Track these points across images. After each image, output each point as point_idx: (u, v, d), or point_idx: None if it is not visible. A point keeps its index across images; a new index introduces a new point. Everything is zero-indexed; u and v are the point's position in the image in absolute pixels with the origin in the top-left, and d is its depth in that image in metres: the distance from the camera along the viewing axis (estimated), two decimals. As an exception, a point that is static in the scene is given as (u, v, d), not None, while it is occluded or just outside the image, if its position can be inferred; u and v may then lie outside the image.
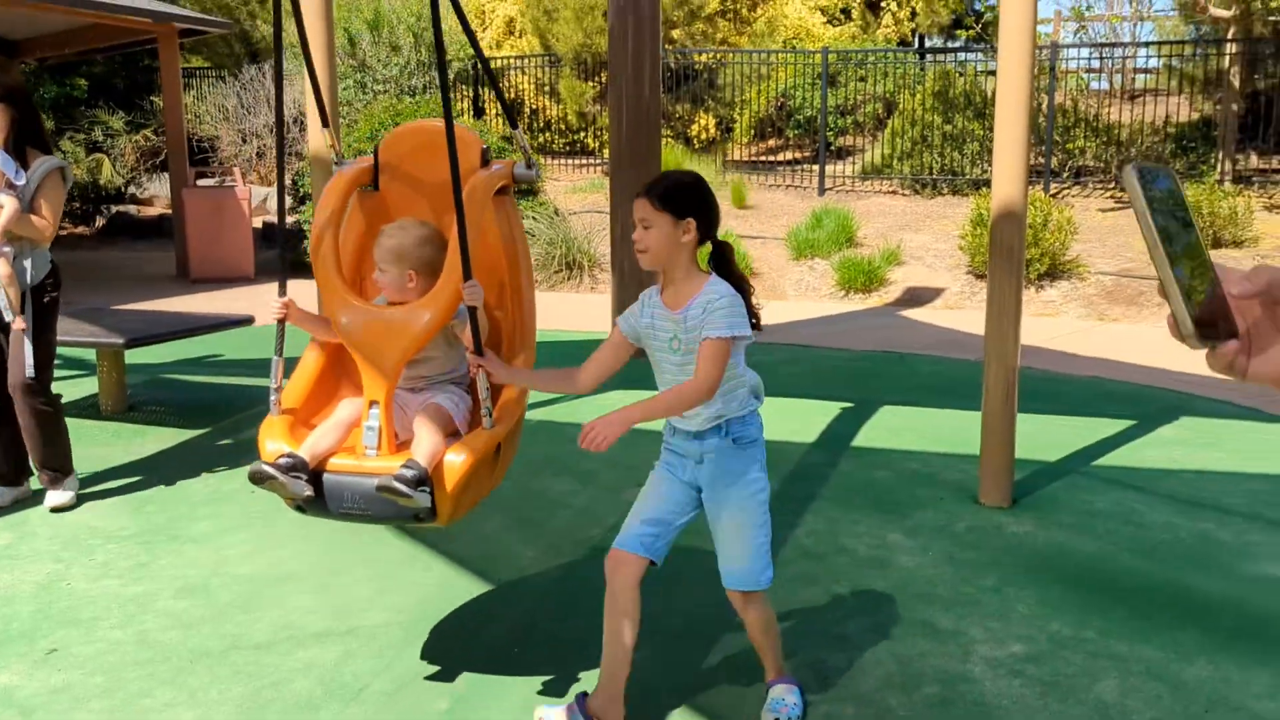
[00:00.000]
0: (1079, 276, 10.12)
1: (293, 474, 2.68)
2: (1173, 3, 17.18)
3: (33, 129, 4.46)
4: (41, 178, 4.40)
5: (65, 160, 4.55)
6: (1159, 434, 5.66)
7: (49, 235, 4.44)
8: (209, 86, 17.15)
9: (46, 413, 4.49)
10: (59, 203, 4.48)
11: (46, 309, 4.49)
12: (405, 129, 3.29)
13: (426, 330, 2.79)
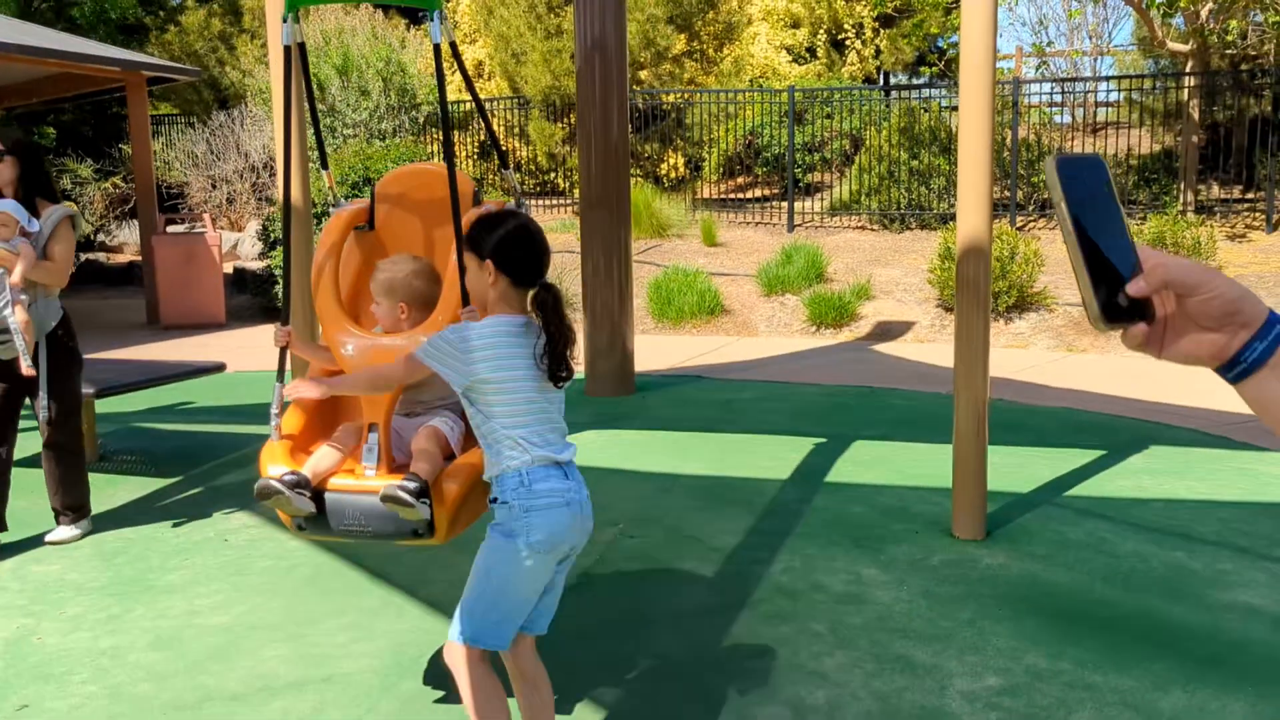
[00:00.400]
0: (1047, 308, 10.24)
1: (297, 490, 2.75)
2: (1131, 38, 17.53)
3: (41, 180, 4.66)
4: (54, 225, 4.58)
5: (74, 209, 4.72)
6: (1129, 463, 5.72)
7: (62, 281, 4.61)
8: (178, 133, 17.14)
9: (69, 459, 4.69)
10: (70, 250, 4.65)
11: (66, 357, 4.63)
12: (399, 172, 3.47)
13: None
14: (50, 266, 4.53)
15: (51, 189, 4.73)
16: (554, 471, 2.46)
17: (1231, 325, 0.94)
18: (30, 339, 4.46)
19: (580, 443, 6.31)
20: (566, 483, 2.47)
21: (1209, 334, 0.95)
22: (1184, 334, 0.96)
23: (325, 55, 15.01)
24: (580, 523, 2.50)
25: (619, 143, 7.89)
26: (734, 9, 18.30)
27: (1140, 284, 0.93)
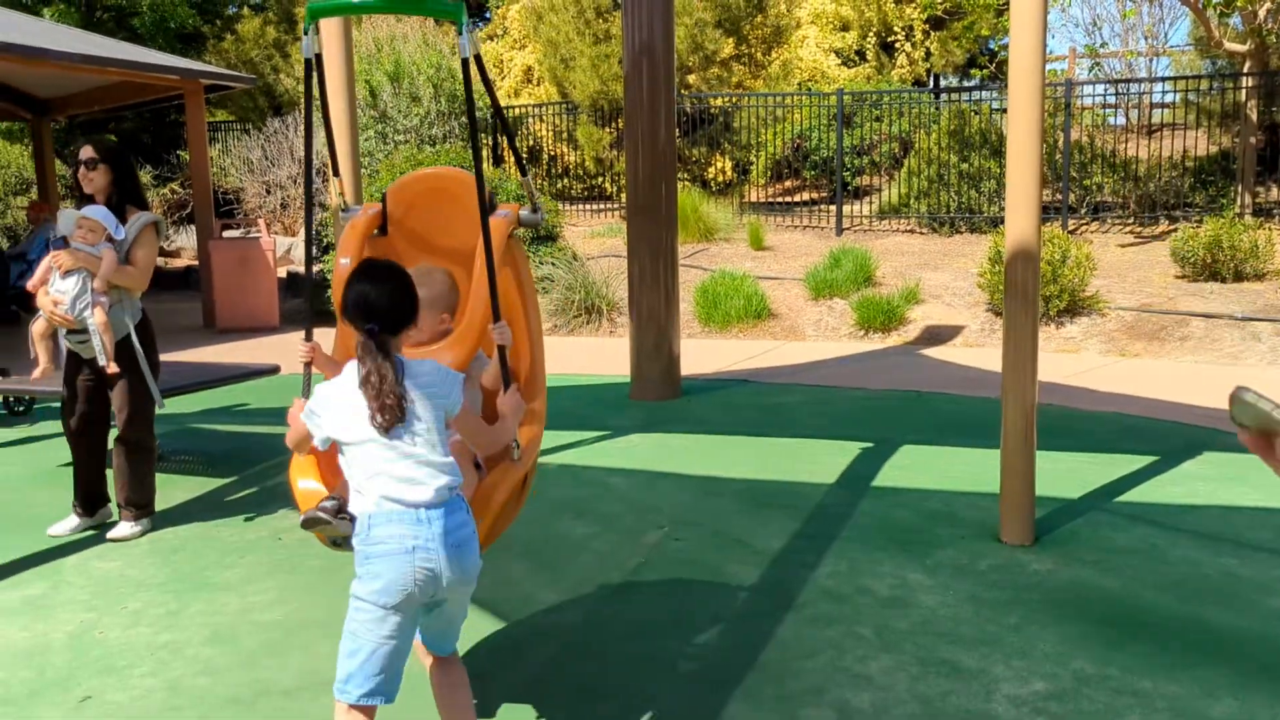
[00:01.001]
0: (1099, 312, 10.12)
1: (340, 516, 2.74)
2: (1188, 38, 17.26)
3: (132, 187, 4.85)
4: (138, 231, 4.76)
5: (159, 217, 4.91)
6: (1181, 469, 5.65)
7: (142, 285, 4.80)
8: (234, 139, 17.45)
9: (137, 455, 4.85)
10: (152, 255, 4.83)
11: (144, 358, 4.81)
12: (410, 177, 3.44)
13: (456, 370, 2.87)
14: (131, 271, 4.73)
15: (140, 196, 4.91)
16: (402, 515, 2.39)
17: None
18: (109, 339, 4.68)
19: (626, 446, 6.37)
20: (414, 529, 2.38)
21: None
22: None
23: (377, 62, 15.22)
24: (427, 570, 2.39)
25: (666, 147, 7.92)
26: (782, 13, 18.28)
27: None
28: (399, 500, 2.40)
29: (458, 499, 2.48)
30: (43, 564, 4.53)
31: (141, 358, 4.80)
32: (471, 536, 2.49)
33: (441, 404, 2.47)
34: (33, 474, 6.05)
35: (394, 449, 2.41)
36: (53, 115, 14.17)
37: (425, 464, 2.43)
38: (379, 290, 2.46)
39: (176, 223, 17.56)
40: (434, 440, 2.45)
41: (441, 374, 2.50)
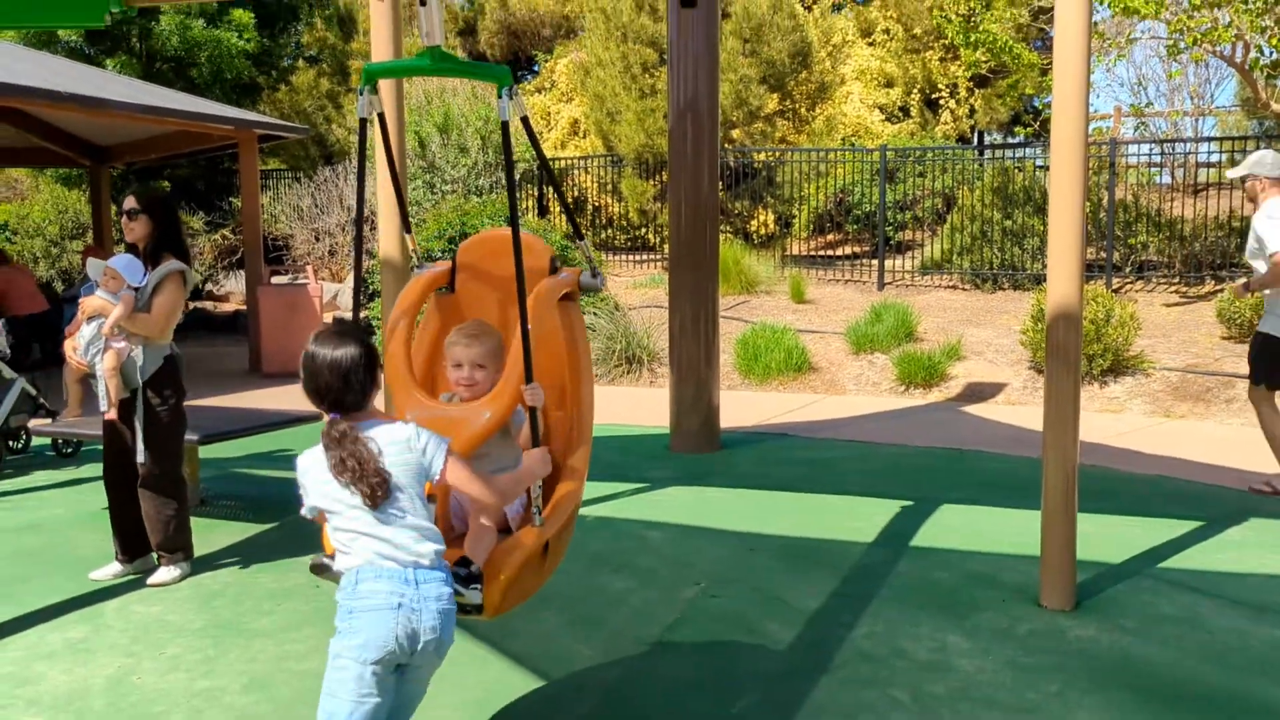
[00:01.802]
0: (1143, 372, 10.02)
1: None
2: (1234, 99, 17.19)
3: (172, 236, 4.93)
4: (159, 279, 4.85)
5: (188, 266, 4.98)
6: (1227, 535, 5.55)
7: (156, 333, 4.85)
8: (285, 187, 17.78)
9: (162, 500, 4.90)
10: (171, 303, 4.87)
11: (163, 404, 4.86)
12: (480, 237, 3.60)
13: (486, 428, 2.96)
14: (145, 318, 4.79)
15: (179, 245, 4.98)
16: (391, 573, 2.46)
17: None
18: (114, 384, 4.78)
19: (664, 499, 6.37)
20: (401, 587, 2.45)
21: None
22: None
23: (427, 114, 15.50)
24: (406, 628, 2.45)
25: (709, 200, 7.99)
26: (827, 69, 18.42)
27: None
28: (390, 558, 2.47)
29: (442, 565, 2.54)
30: (85, 607, 4.60)
31: (143, 406, 4.82)
32: (453, 609, 2.55)
33: (419, 467, 2.52)
34: (78, 517, 6.15)
35: (381, 514, 2.49)
36: (111, 162, 14.54)
37: (412, 528, 2.50)
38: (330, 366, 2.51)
39: (227, 268, 17.88)
40: (417, 505, 2.51)
41: (416, 438, 2.53)
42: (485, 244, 3.51)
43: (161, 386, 4.88)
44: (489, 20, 24.77)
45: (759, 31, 16.67)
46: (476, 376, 3.07)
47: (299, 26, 19.38)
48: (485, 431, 2.96)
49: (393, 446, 2.50)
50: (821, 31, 19.91)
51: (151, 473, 4.87)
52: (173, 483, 4.95)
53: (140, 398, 4.84)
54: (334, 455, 2.48)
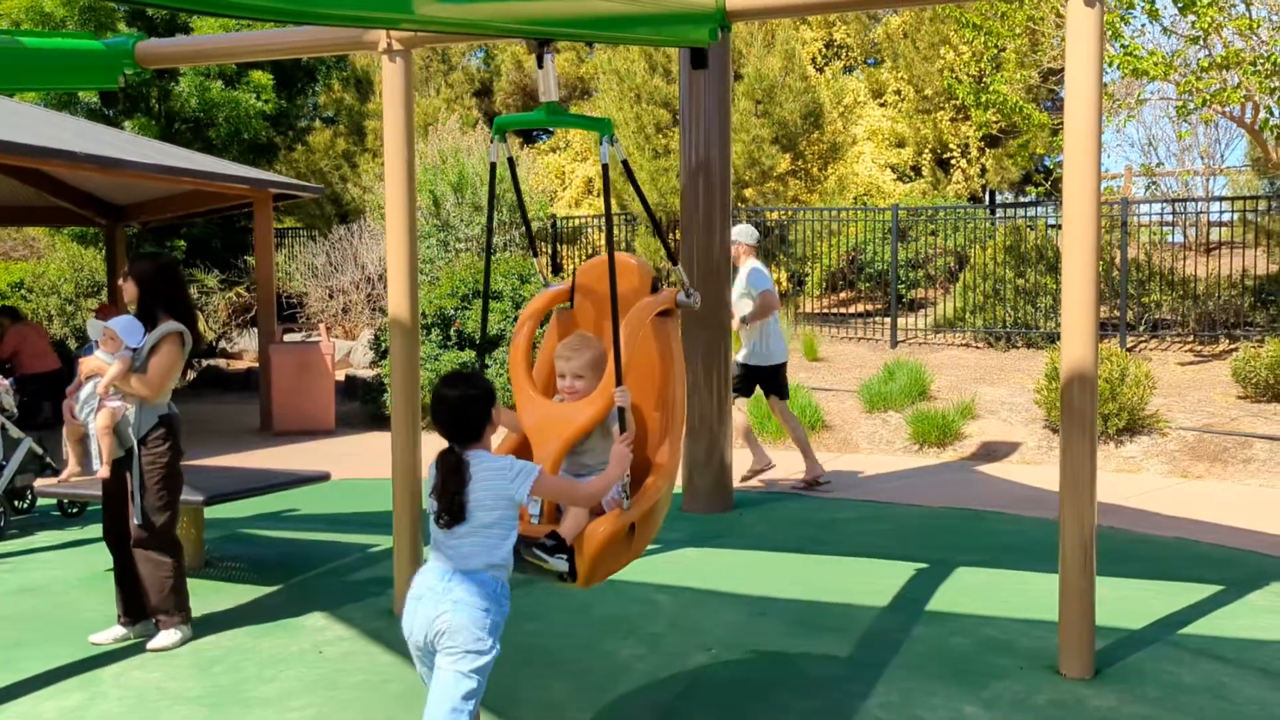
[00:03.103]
0: (1160, 432, 9.91)
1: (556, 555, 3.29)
2: (1245, 158, 17.21)
3: (169, 298, 4.94)
4: (156, 340, 4.84)
5: (188, 328, 4.96)
6: (1248, 601, 5.43)
7: (151, 393, 4.82)
8: (300, 245, 17.91)
9: (156, 561, 4.84)
10: (166, 365, 4.85)
11: (152, 462, 4.82)
12: (596, 260, 4.01)
13: (586, 423, 3.48)
14: (140, 379, 4.78)
15: (179, 307, 4.97)
16: (431, 571, 3.04)
17: None
18: (107, 443, 4.77)
19: (675, 562, 6.29)
20: (431, 582, 3.00)
21: None
22: None
23: (441, 173, 15.62)
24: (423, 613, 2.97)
25: (720, 259, 8.00)
26: (838, 130, 18.55)
27: None
28: (443, 562, 3.01)
29: (486, 577, 3.00)
30: (83, 673, 4.53)
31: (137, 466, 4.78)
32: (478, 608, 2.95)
33: (506, 496, 3.01)
34: (80, 578, 6.08)
35: (449, 535, 3.01)
36: (127, 221, 14.66)
37: (472, 544, 3.00)
38: (449, 405, 3.06)
39: (241, 326, 17.95)
40: (490, 536, 3.01)
41: (511, 470, 3.04)
42: (599, 266, 3.89)
43: (156, 446, 4.84)
44: (505, 81, 25.08)
45: (771, 93, 16.81)
46: (577, 385, 3.56)
47: (316, 88, 19.64)
48: (582, 427, 3.47)
49: (489, 473, 3.02)
50: (833, 92, 20.09)
51: (144, 533, 4.81)
52: (167, 544, 4.88)
53: (135, 457, 4.80)
54: (437, 478, 3.03)
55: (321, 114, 21.93)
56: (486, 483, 2.99)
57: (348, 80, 21.39)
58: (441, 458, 3.05)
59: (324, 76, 19.31)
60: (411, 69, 5.19)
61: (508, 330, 11.95)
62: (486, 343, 11.99)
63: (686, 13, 4.31)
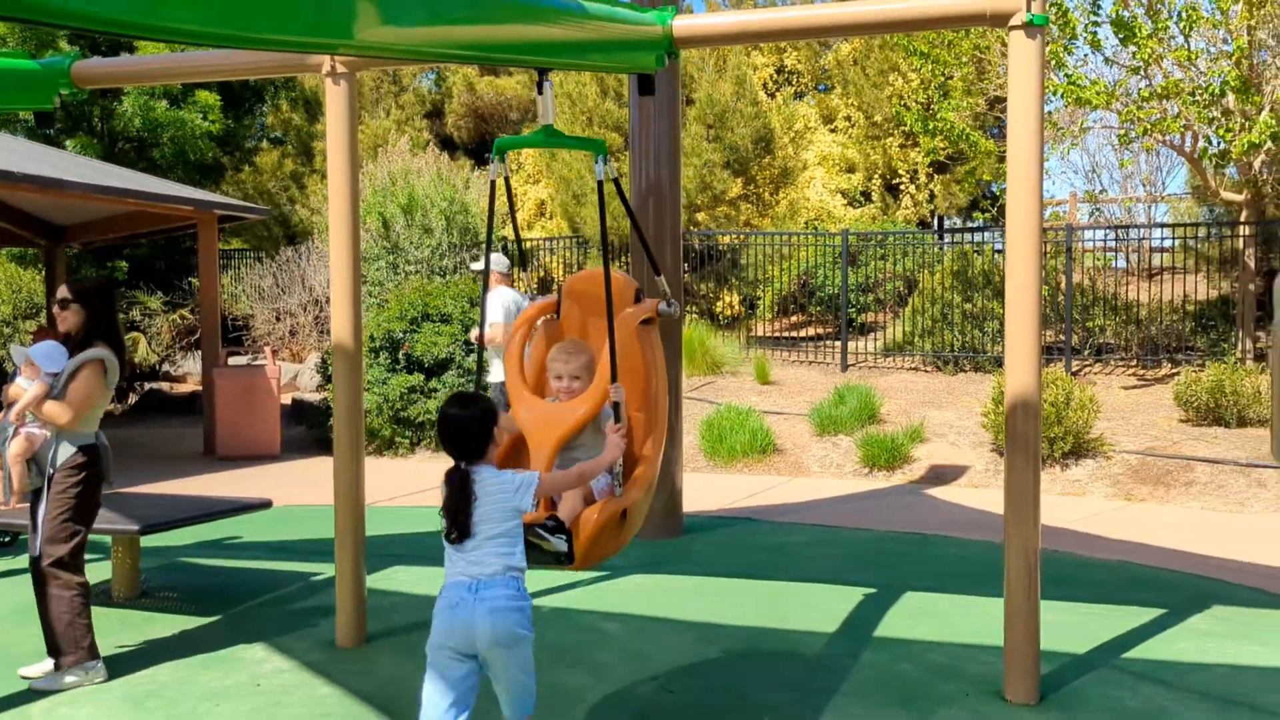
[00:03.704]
0: (1104, 455, 10.03)
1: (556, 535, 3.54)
2: (1185, 185, 17.58)
3: (105, 326, 4.81)
4: (75, 367, 4.69)
5: (109, 354, 4.79)
6: (1189, 624, 5.49)
7: (67, 421, 4.65)
8: (247, 267, 17.69)
9: (54, 595, 4.63)
10: (85, 392, 4.69)
11: (62, 492, 4.64)
12: (582, 275, 4.44)
13: (580, 420, 3.80)
14: (54, 406, 4.61)
15: (110, 333, 4.83)
16: (458, 584, 3.26)
17: None
18: (17, 471, 4.66)
19: (624, 589, 6.24)
20: (462, 593, 3.24)
21: None
22: None
23: (391, 195, 15.51)
24: (462, 621, 3.21)
25: (672, 282, 7.97)
26: (789, 155, 18.70)
27: None
28: (461, 574, 3.26)
29: (509, 579, 3.26)
30: (11, 709, 4.38)
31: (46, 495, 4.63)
32: (508, 608, 3.23)
33: (510, 507, 3.28)
34: (11, 610, 5.90)
35: (461, 550, 3.27)
36: (68, 242, 14.38)
37: (486, 553, 3.25)
38: (455, 422, 3.31)
39: (185, 348, 17.66)
40: (500, 545, 3.26)
41: (514, 484, 3.30)
42: (584, 280, 4.33)
43: (69, 476, 4.65)
44: (456, 104, 25.02)
45: (722, 118, 16.91)
46: (573, 386, 3.89)
47: (264, 108, 19.46)
48: (578, 423, 3.79)
49: (494, 487, 3.27)
50: (784, 118, 20.26)
51: (43, 566, 4.60)
52: (66, 579, 4.64)
53: (46, 487, 4.65)
54: (445, 494, 3.29)
55: (269, 134, 21.73)
56: (492, 498, 3.25)
57: (296, 101, 21.22)
58: (448, 476, 3.30)
59: (272, 97, 19.13)
60: (355, 92, 5.14)
61: (457, 354, 11.87)
62: (437, 364, 11.89)
63: (633, 39, 4.30)
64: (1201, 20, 11.74)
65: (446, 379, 11.85)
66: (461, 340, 11.95)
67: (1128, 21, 11.82)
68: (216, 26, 2.61)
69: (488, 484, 3.26)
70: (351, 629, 5.22)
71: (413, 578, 6.50)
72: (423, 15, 3.15)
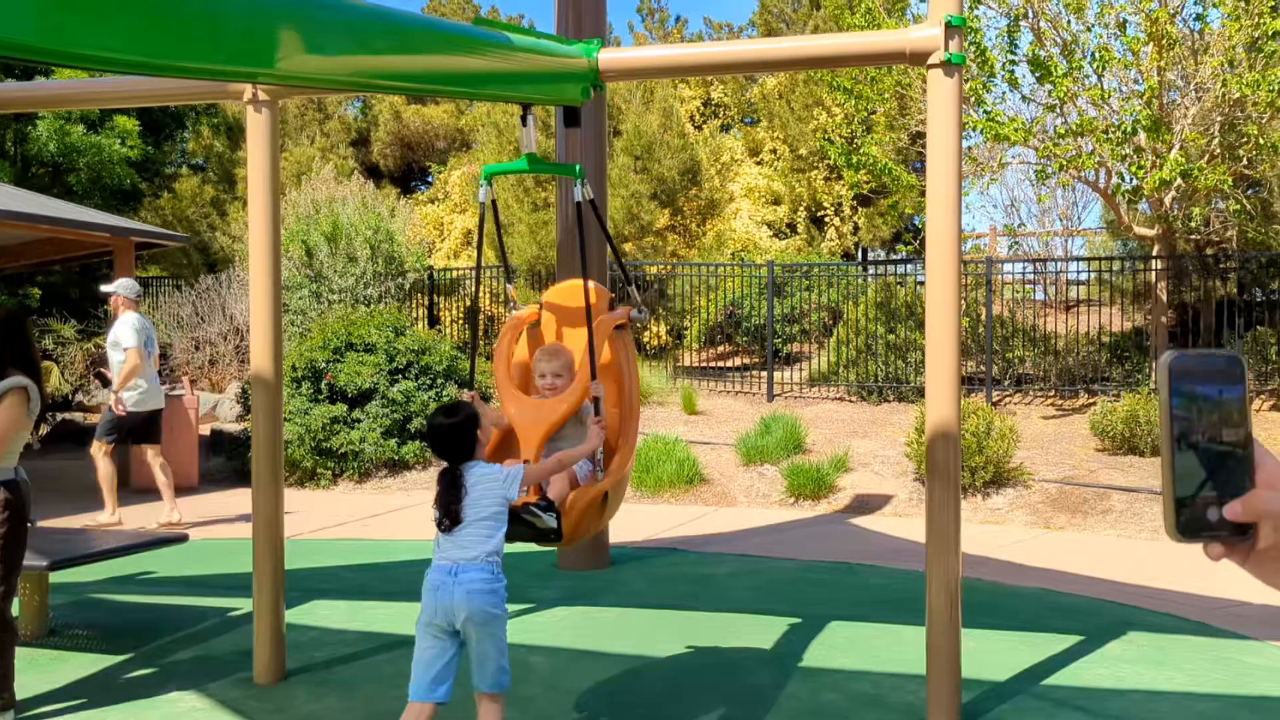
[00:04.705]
0: (1024, 484, 10.22)
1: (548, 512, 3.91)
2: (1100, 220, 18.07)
3: (19, 353, 4.64)
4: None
5: (30, 383, 4.63)
6: (1107, 650, 5.59)
7: None
8: (165, 295, 17.33)
9: None
10: (7, 422, 4.53)
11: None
12: (560, 285, 4.95)
13: (563, 414, 4.16)
14: None
15: (26, 360, 4.67)
16: (441, 567, 3.62)
17: None
18: None
19: (549, 622, 6.19)
20: (443, 576, 3.58)
21: None
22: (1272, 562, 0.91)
23: (314, 223, 15.33)
24: (444, 602, 3.56)
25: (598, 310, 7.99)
26: (716, 187, 18.87)
27: (1236, 508, 0.90)
28: (446, 558, 3.61)
29: (485, 564, 3.60)
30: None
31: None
32: (483, 590, 3.57)
33: (499, 496, 3.64)
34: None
35: (449, 536, 3.62)
36: (-24, 268, 13.98)
37: (470, 541, 3.60)
38: (443, 430, 3.66)
39: (99, 378, 17.21)
40: (482, 529, 3.61)
41: (501, 476, 3.66)
42: (562, 291, 4.81)
43: (14, 505, 4.50)
44: (382, 131, 24.87)
45: (649, 149, 17.03)
46: (556, 383, 4.26)
47: (185, 134, 19.14)
48: (562, 417, 4.15)
49: (484, 480, 3.65)
50: (711, 150, 20.47)
51: None
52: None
53: None
54: (439, 490, 3.66)
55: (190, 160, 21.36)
56: (482, 488, 3.63)
57: (218, 127, 20.90)
58: (442, 474, 3.67)
59: (193, 123, 18.83)
60: (277, 119, 5.08)
61: (380, 383, 11.73)
62: (360, 394, 11.73)
63: (559, 72, 4.31)
64: (1114, 61, 12.12)
65: (370, 409, 11.70)
66: (386, 370, 11.81)
67: (1044, 60, 12.16)
68: (134, 54, 2.54)
69: (477, 477, 3.64)
70: (269, 666, 5.10)
71: (334, 612, 6.37)
72: (349, 45, 3.12)
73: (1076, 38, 12.54)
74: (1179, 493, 0.91)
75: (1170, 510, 0.91)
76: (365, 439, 11.54)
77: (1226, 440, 0.91)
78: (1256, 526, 0.90)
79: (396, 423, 11.74)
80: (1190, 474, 0.91)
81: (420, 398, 11.82)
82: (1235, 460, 0.91)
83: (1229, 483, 0.90)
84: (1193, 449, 0.91)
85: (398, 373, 11.96)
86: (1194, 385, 0.90)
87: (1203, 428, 0.91)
